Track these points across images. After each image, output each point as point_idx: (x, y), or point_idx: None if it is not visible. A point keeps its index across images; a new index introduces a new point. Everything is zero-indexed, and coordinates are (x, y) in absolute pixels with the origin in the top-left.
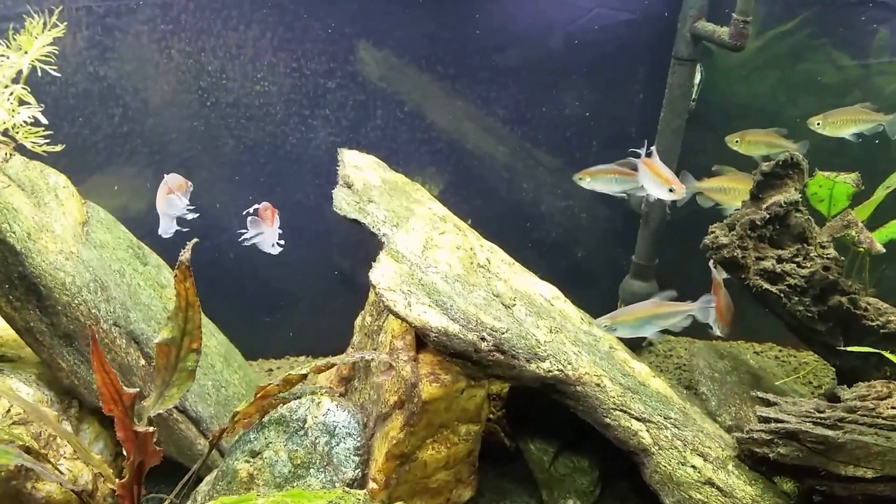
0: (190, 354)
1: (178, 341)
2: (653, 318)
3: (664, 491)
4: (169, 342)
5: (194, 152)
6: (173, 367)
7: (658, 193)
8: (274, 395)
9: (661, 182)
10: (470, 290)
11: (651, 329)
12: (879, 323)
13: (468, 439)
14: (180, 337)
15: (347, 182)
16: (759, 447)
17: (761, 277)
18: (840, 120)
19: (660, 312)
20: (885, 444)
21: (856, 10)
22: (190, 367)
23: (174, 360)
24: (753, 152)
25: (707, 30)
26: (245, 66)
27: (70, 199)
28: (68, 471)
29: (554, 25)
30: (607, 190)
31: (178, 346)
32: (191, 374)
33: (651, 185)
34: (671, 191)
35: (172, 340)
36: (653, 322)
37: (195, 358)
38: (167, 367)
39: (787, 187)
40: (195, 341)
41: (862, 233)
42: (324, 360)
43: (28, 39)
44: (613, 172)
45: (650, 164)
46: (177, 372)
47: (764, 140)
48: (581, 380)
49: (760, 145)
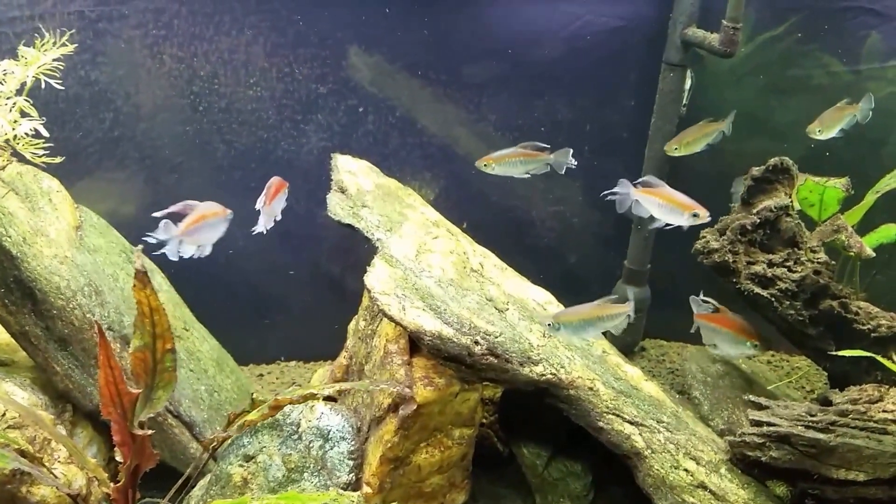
0: (167, 355)
1: (152, 345)
2: (596, 319)
3: (657, 494)
4: (142, 349)
5: (186, 157)
6: (153, 371)
7: (678, 221)
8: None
9: (679, 209)
10: (463, 295)
11: (594, 331)
12: (870, 327)
13: (462, 443)
14: (152, 341)
15: (341, 187)
16: (752, 450)
17: (752, 282)
18: (830, 120)
19: (603, 314)
20: (877, 447)
21: (845, 15)
22: (170, 366)
23: (152, 364)
24: (696, 149)
25: (697, 36)
26: (237, 71)
27: (64, 203)
28: (63, 475)
29: (545, 32)
30: (513, 173)
31: (153, 349)
32: (173, 374)
33: (667, 214)
34: (695, 216)
35: (145, 346)
36: (596, 324)
37: (172, 357)
38: (146, 371)
39: (778, 192)
40: (168, 342)
41: (852, 237)
42: (346, 384)
43: (36, 55)
44: (518, 156)
45: (659, 193)
46: (158, 374)
47: (700, 135)
48: (574, 383)
49: (699, 141)
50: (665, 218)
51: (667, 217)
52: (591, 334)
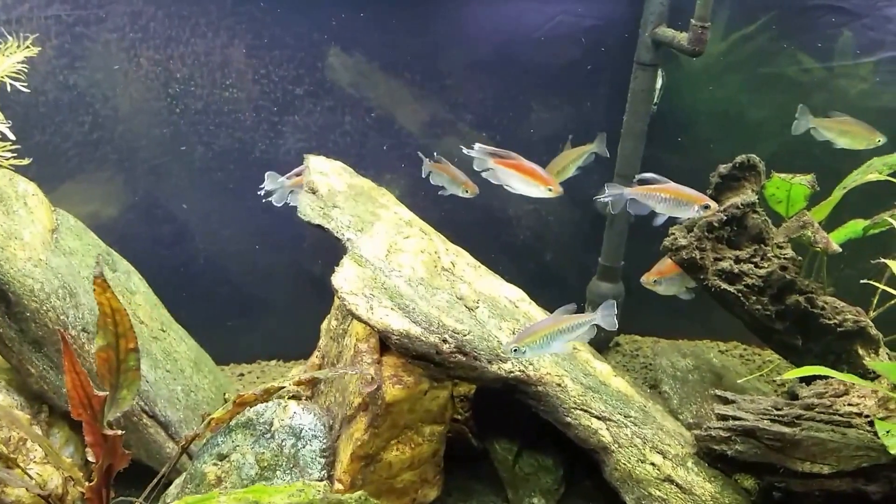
0: (130, 354)
1: (115, 345)
2: (557, 333)
3: (624, 488)
4: (105, 348)
5: (164, 159)
6: (116, 370)
7: (687, 214)
8: (251, 403)
9: (688, 202)
10: (433, 293)
11: (558, 345)
12: (836, 321)
13: (432, 440)
14: (115, 341)
15: (312, 188)
16: (718, 444)
17: (719, 278)
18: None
19: (563, 327)
20: (841, 440)
21: (815, 13)
22: (133, 366)
23: (115, 363)
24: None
25: (667, 35)
26: (214, 73)
27: (39, 206)
28: (38, 475)
29: (520, 32)
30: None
31: (115, 349)
32: (136, 373)
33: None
34: (706, 208)
35: (108, 346)
36: (558, 337)
37: (136, 356)
38: (111, 371)
39: (745, 189)
40: (131, 341)
41: (818, 233)
42: (307, 374)
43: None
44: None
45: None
46: (122, 374)
47: (570, 160)
48: (542, 380)
49: (570, 165)
50: (672, 212)
51: (674, 211)
52: (557, 348)
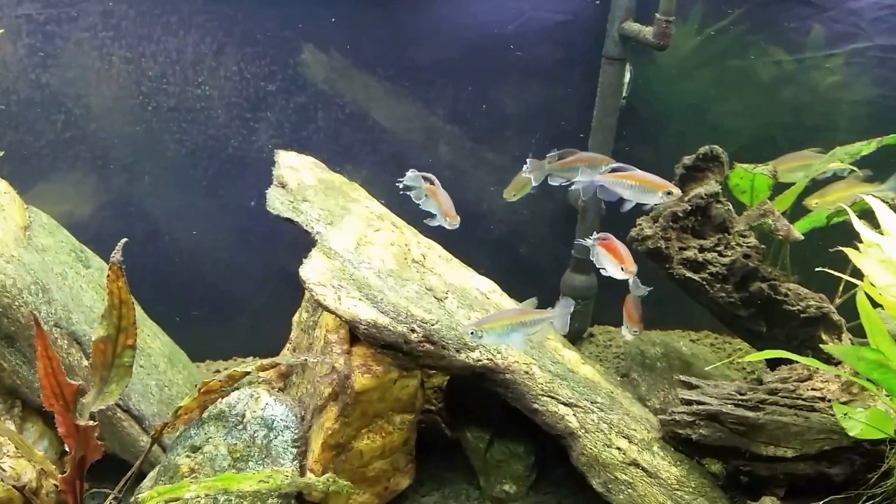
0: (126, 350)
1: (114, 338)
2: (518, 325)
3: (591, 473)
4: (104, 339)
5: (137, 157)
6: (110, 364)
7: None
8: (217, 390)
9: (652, 189)
10: (402, 285)
11: (517, 337)
12: (800, 308)
13: (403, 428)
14: (115, 334)
15: (281, 182)
16: (682, 428)
17: (684, 266)
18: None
19: (524, 320)
20: (804, 423)
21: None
22: (127, 362)
23: (111, 356)
24: (525, 193)
25: (633, 30)
26: (186, 70)
27: (11, 204)
28: (11, 468)
29: (491, 28)
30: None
31: (114, 342)
32: (128, 370)
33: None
34: (669, 194)
35: (108, 338)
36: (518, 330)
37: (131, 354)
38: (104, 364)
39: (709, 180)
40: (130, 338)
41: (778, 220)
42: (270, 359)
43: None
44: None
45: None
46: (114, 368)
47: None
48: (510, 368)
49: (525, 188)
50: (638, 199)
51: (639, 198)
52: (515, 340)
